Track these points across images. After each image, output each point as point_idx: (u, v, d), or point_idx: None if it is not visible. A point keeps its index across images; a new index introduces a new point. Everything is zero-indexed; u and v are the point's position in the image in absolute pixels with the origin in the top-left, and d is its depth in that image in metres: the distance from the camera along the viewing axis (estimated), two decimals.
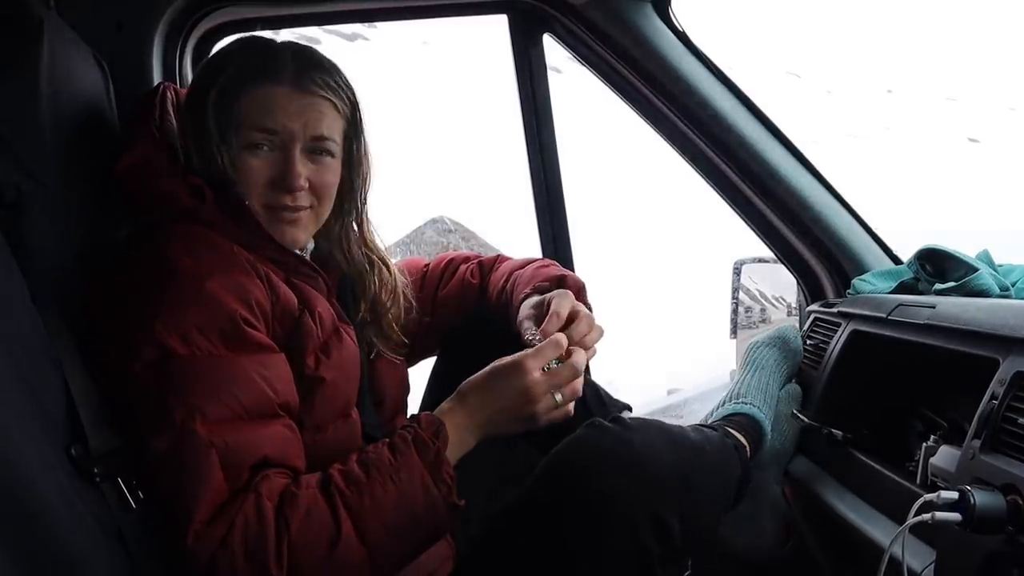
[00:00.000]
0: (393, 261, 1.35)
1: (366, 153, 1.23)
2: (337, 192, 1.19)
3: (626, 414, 1.48)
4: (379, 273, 1.28)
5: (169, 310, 0.97)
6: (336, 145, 1.15)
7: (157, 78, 1.51)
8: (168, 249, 1.03)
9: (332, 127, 1.14)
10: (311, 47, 1.17)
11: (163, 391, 0.95)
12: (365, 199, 1.26)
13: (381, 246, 1.30)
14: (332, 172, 1.16)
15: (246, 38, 1.18)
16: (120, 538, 0.85)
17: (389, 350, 1.31)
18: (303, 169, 1.11)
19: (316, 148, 1.13)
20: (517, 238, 1.60)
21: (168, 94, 1.23)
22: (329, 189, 1.16)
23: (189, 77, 1.61)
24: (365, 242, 1.27)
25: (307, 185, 1.12)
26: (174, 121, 1.20)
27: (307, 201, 1.13)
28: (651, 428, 1.07)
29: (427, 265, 1.50)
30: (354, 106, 1.18)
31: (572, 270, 1.73)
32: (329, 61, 1.17)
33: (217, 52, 1.16)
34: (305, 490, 0.96)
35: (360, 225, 1.27)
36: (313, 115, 1.11)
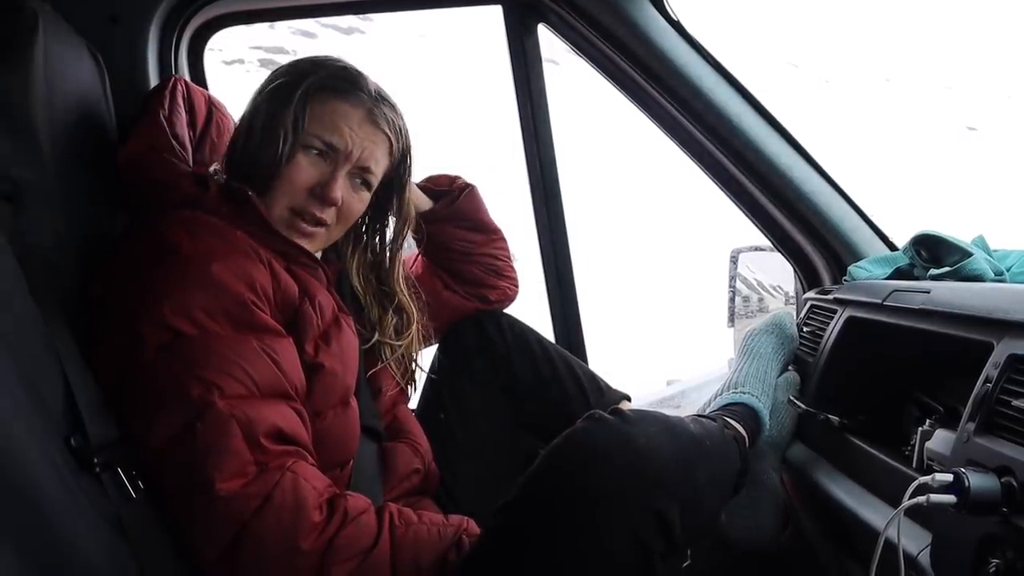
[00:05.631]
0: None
1: (408, 203, 1.30)
2: (361, 222, 1.28)
3: (625, 405, 1.49)
4: (396, 308, 1.34)
5: (176, 293, 0.99)
6: (375, 179, 1.22)
7: (152, 71, 1.51)
8: (171, 234, 1.04)
9: (379, 163, 1.21)
10: None
11: (176, 371, 0.96)
12: (400, 243, 1.33)
13: (404, 288, 1.36)
14: (362, 202, 1.22)
15: (335, 58, 1.23)
16: (120, 527, 0.86)
17: (395, 367, 1.36)
18: (342, 188, 1.17)
19: (359, 176, 1.19)
20: (514, 229, 1.60)
21: (179, 86, 1.25)
22: (353, 216, 1.22)
23: (185, 71, 1.62)
24: (391, 280, 1.34)
25: (340, 203, 1.17)
26: (183, 112, 1.22)
27: (331, 218, 1.18)
28: (652, 421, 1.04)
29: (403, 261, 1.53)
30: (405, 153, 1.25)
31: (569, 260, 1.75)
32: (398, 106, 1.24)
33: (307, 57, 1.23)
34: (359, 501, 1.01)
35: (391, 263, 1.34)
36: (370, 146, 1.18)
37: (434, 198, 1.47)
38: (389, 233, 1.34)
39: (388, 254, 1.34)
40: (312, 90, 1.16)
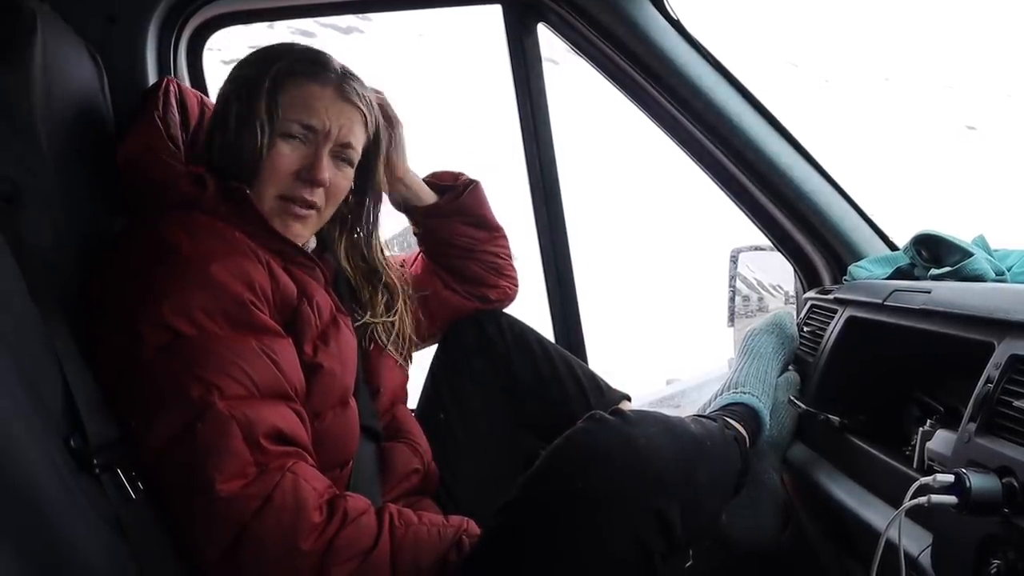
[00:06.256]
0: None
1: (383, 176, 1.31)
2: (345, 202, 1.27)
3: (625, 404, 1.49)
4: (383, 285, 1.35)
5: (175, 293, 0.99)
6: (356, 155, 1.22)
7: (151, 71, 1.51)
8: (170, 234, 1.04)
9: (358, 138, 1.21)
10: None
11: (176, 371, 0.96)
12: (376, 218, 1.34)
13: (386, 263, 1.36)
14: (347, 179, 1.23)
15: (295, 43, 1.25)
16: (120, 528, 0.86)
17: (394, 348, 1.36)
18: (327, 168, 1.17)
19: (340, 154, 1.20)
20: (514, 228, 1.60)
21: (171, 87, 1.25)
22: (341, 194, 1.23)
23: (184, 70, 1.61)
24: (374, 258, 1.34)
25: (328, 183, 1.18)
26: (176, 113, 1.22)
27: (320, 200, 1.18)
28: (652, 422, 1.04)
29: (403, 260, 1.54)
30: (378, 126, 1.26)
31: (568, 259, 1.75)
32: (364, 81, 1.25)
33: (269, 46, 1.23)
34: (359, 502, 1.01)
35: (369, 241, 1.34)
36: (347, 123, 1.19)
37: (439, 193, 1.47)
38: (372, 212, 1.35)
39: (367, 229, 1.35)
40: (281, 76, 1.16)
